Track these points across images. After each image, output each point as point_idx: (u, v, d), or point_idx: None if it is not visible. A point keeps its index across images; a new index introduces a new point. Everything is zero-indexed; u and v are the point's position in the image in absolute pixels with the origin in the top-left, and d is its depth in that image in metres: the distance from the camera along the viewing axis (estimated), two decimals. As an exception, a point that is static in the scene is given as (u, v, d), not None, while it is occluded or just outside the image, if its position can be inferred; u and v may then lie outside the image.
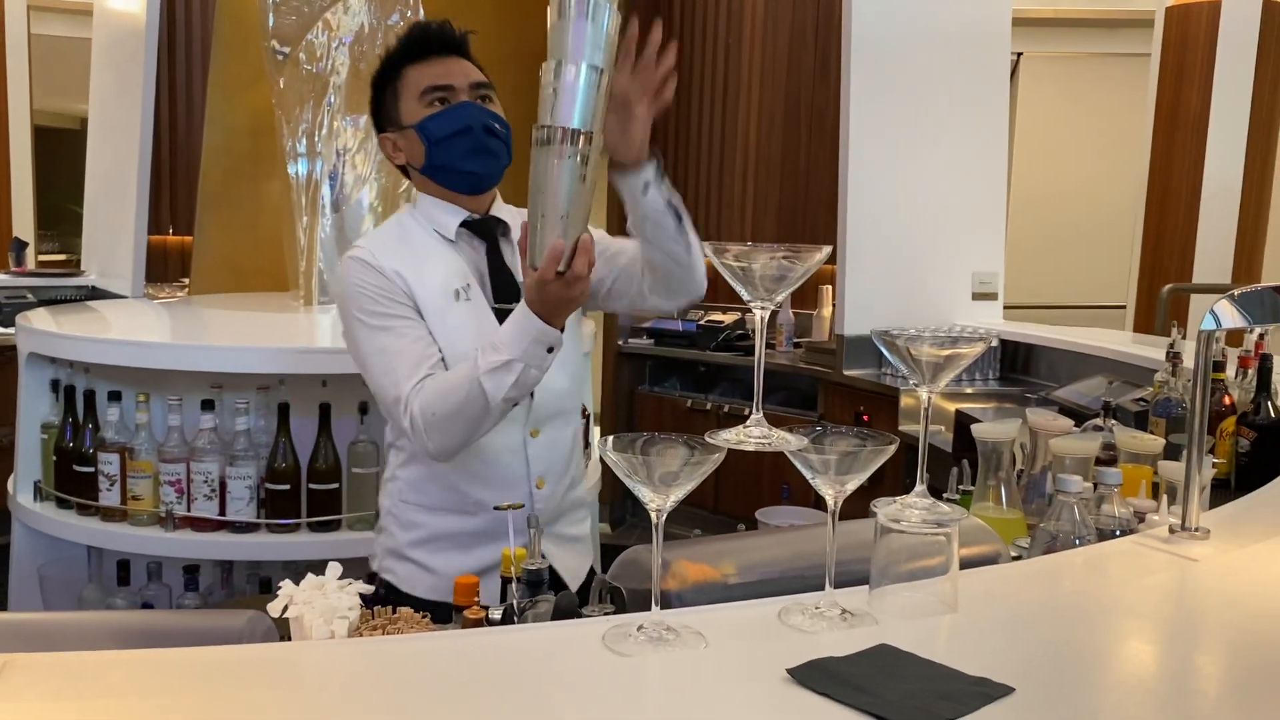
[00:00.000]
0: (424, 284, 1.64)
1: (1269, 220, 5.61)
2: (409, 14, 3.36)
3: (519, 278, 1.64)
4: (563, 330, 1.46)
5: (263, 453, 2.50)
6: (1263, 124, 5.37)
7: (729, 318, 4.80)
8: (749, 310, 1.05)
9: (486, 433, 1.55)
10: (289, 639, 1.11)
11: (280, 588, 1.10)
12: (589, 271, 1.38)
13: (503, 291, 1.70)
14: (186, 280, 4.56)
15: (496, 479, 1.64)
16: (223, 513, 2.48)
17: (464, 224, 1.70)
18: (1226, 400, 2.13)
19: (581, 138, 1.29)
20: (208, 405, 2.47)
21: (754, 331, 1.08)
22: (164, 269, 5.52)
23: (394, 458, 1.74)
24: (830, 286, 4.38)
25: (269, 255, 3.86)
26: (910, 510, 1.02)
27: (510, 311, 1.60)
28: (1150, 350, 3.04)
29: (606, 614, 1.12)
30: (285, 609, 1.09)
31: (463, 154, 1.66)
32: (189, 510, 2.48)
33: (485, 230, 1.73)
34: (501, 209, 1.77)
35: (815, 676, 0.86)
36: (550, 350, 1.46)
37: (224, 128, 3.93)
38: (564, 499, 1.74)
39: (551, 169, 1.29)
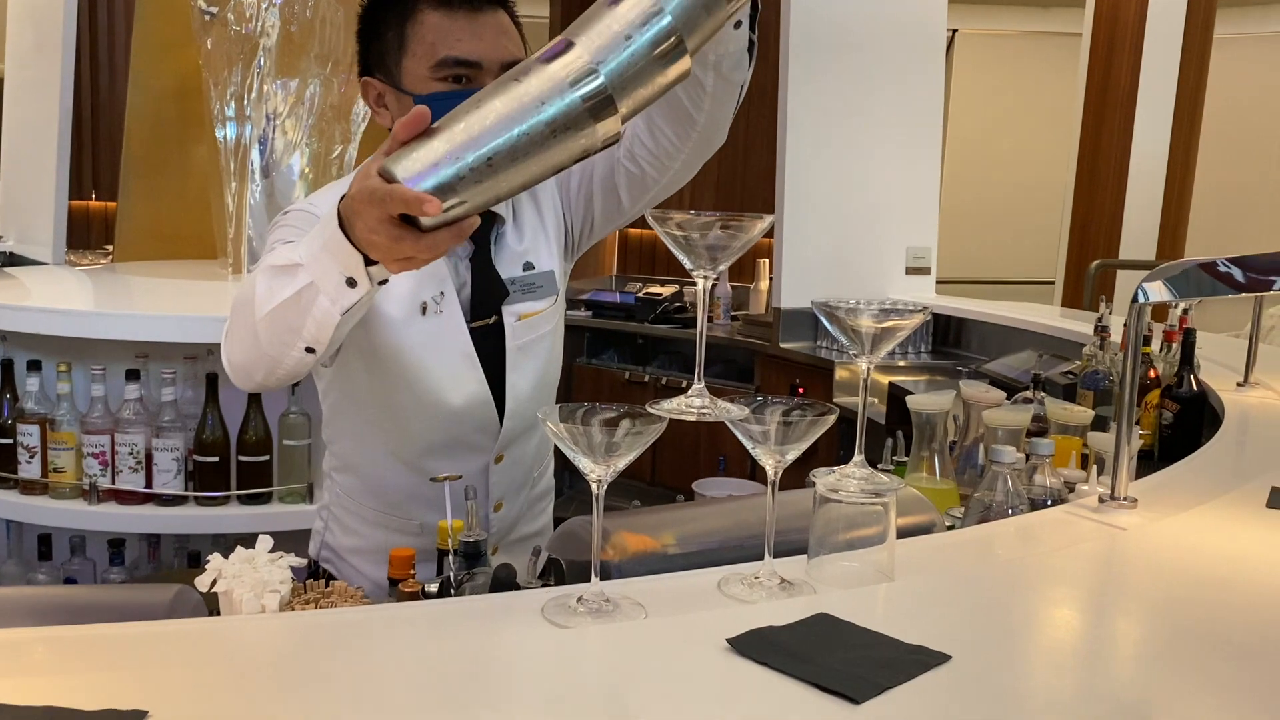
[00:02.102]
0: (386, 290, 1.34)
1: (1193, 197, 5.76)
2: (342, -25, 3.27)
3: (508, 284, 1.48)
4: (374, 263, 1.05)
5: (190, 424, 2.44)
6: (1188, 103, 5.50)
7: (667, 290, 4.80)
8: (688, 283, 1.04)
9: (269, 368, 1.20)
10: (218, 614, 1.08)
11: (209, 561, 1.08)
12: (430, 259, 1.01)
13: (483, 304, 1.47)
14: (110, 247, 4.42)
15: (459, 504, 1.39)
16: (149, 485, 2.42)
17: None
18: (1151, 373, 2.18)
19: (602, 94, 0.94)
20: (133, 375, 2.41)
21: (693, 304, 1.07)
22: (87, 236, 5.36)
23: (329, 457, 1.60)
24: (767, 260, 4.40)
25: (196, 222, 3.75)
26: (848, 480, 1.03)
27: (488, 329, 1.45)
28: (1078, 324, 3.11)
29: (546, 586, 1.11)
30: (214, 583, 1.06)
31: None
32: (113, 483, 2.41)
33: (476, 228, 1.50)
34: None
35: (755, 645, 0.86)
36: (352, 284, 1.07)
37: (149, 90, 3.81)
38: (521, 514, 1.60)
39: (537, 108, 0.94)
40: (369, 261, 1.05)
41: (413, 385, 1.43)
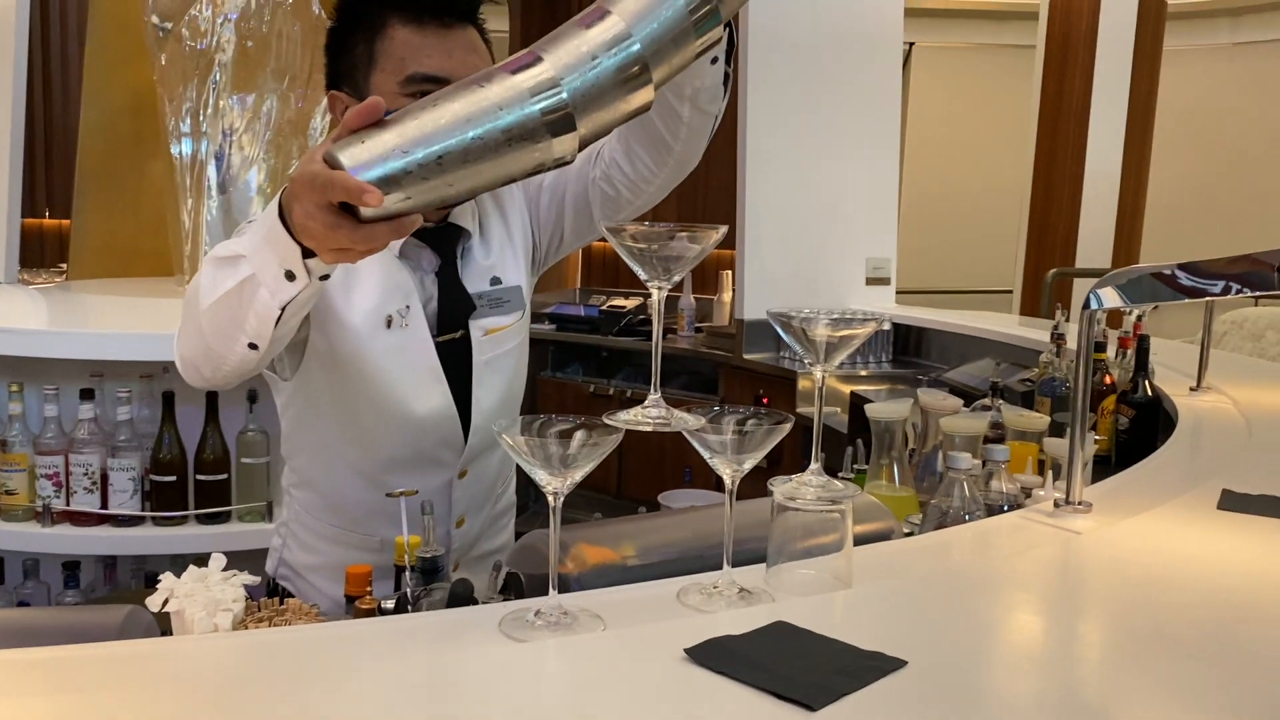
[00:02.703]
0: (350, 302, 1.37)
1: (1146, 207, 5.86)
2: (298, -11, 3.26)
3: (475, 299, 1.48)
4: (312, 255, 1.03)
5: (147, 443, 2.41)
6: (1139, 114, 5.60)
7: (631, 303, 4.81)
8: (651, 295, 1.04)
9: (215, 364, 1.19)
10: (170, 635, 1.06)
11: (161, 581, 1.06)
12: (365, 251, 0.99)
13: (449, 319, 1.46)
14: (64, 265, 4.36)
15: (416, 519, 1.33)
16: (104, 506, 2.38)
17: (415, 234, 1.46)
18: (1107, 379, 2.21)
19: (563, 110, 0.94)
20: (87, 394, 2.37)
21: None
22: (40, 254, 5.28)
23: (288, 473, 1.58)
24: (730, 272, 4.42)
25: (152, 239, 3.71)
26: (805, 488, 1.03)
27: (454, 343, 1.44)
28: (1036, 332, 3.14)
29: (505, 601, 1.11)
30: (165, 603, 1.04)
31: None
32: (68, 504, 2.37)
33: (441, 242, 1.45)
34: (461, 212, 1.48)
35: (713, 655, 0.86)
36: (291, 278, 1.05)
37: (102, 106, 3.77)
38: (484, 530, 1.60)
39: (496, 113, 0.93)
40: (307, 254, 1.03)
41: (376, 398, 1.42)
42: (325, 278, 1.09)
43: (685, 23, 1.01)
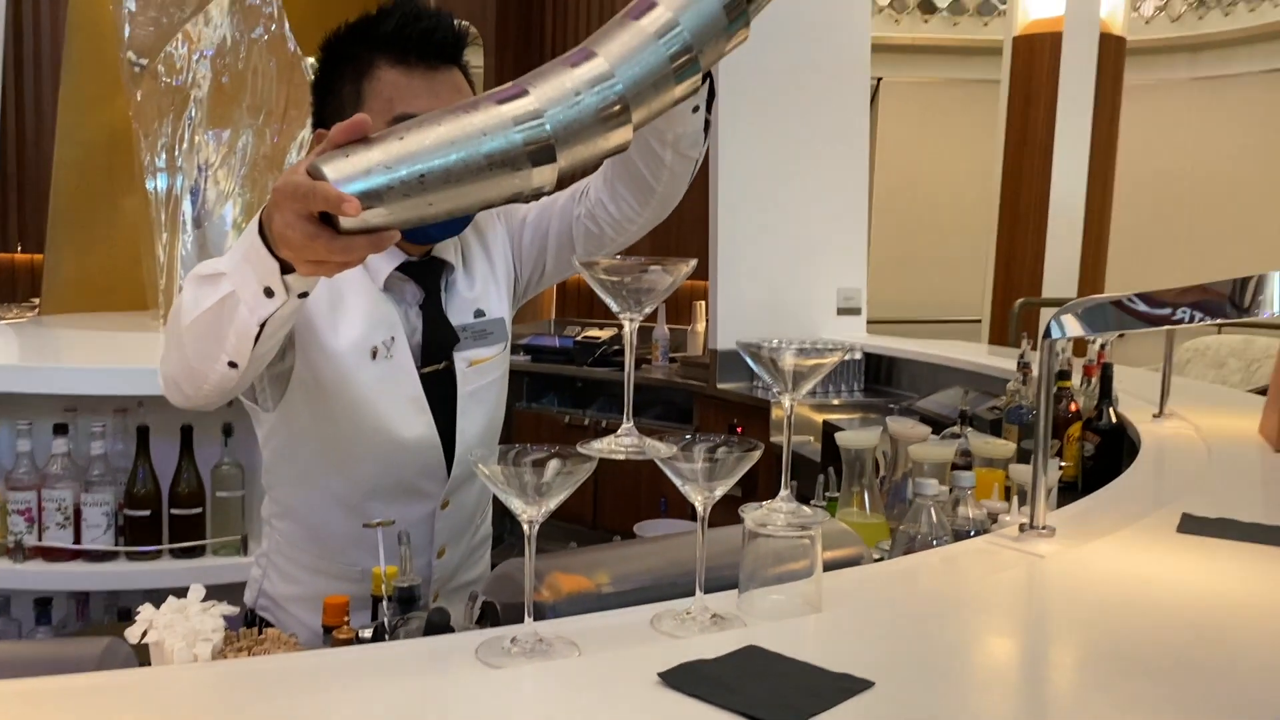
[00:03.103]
0: (336, 333, 1.38)
1: (1109, 237, 5.97)
2: (273, 27, 3.29)
3: (459, 331, 1.51)
4: (289, 270, 1.04)
5: (121, 478, 2.40)
6: (1102, 146, 5.72)
7: (606, 334, 4.83)
8: (624, 327, 1.07)
9: (196, 383, 1.19)
10: (150, 666, 1.07)
11: (139, 612, 1.07)
12: (342, 263, 0.99)
13: (434, 350, 1.48)
14: (37, 300, 4.34)
15: (393, 549, 1.31)
16: (78, 541, 2.37)
17: (399, 267, 1.45)
18: (1072, 407, 2.25)
19: (544, 142, 0.98)
20: (60, 429, 2.36)
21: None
22: (12, 289, 5.26)
23: (269, 504, 1.59)
24: (704, 303, 4.46)
25: (126, 273, 3.71)
26: (775, 514, 1.05)
27: (438, 374, 1.46)
28: (1004, 361, 3.19)
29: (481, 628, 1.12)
30: (144, 634, 1.05)
31: None
32: (40, 540, 2.36)
33: (425, 275, 1.48)
34: (444, 246, 1.50)
35: (686, 679, 0.88)
36: (270, 294, 1.06)
37: (77, 141, 3.77)
38: (463, 560, 1.61)
39: (480, 138, 0.96)
40: (286, 270, 1.05)
41: (361, 429, 1.44)
42: (304, 296, 1.10)
43: (666, 69, 1.05)
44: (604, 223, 1.51)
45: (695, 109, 1.32)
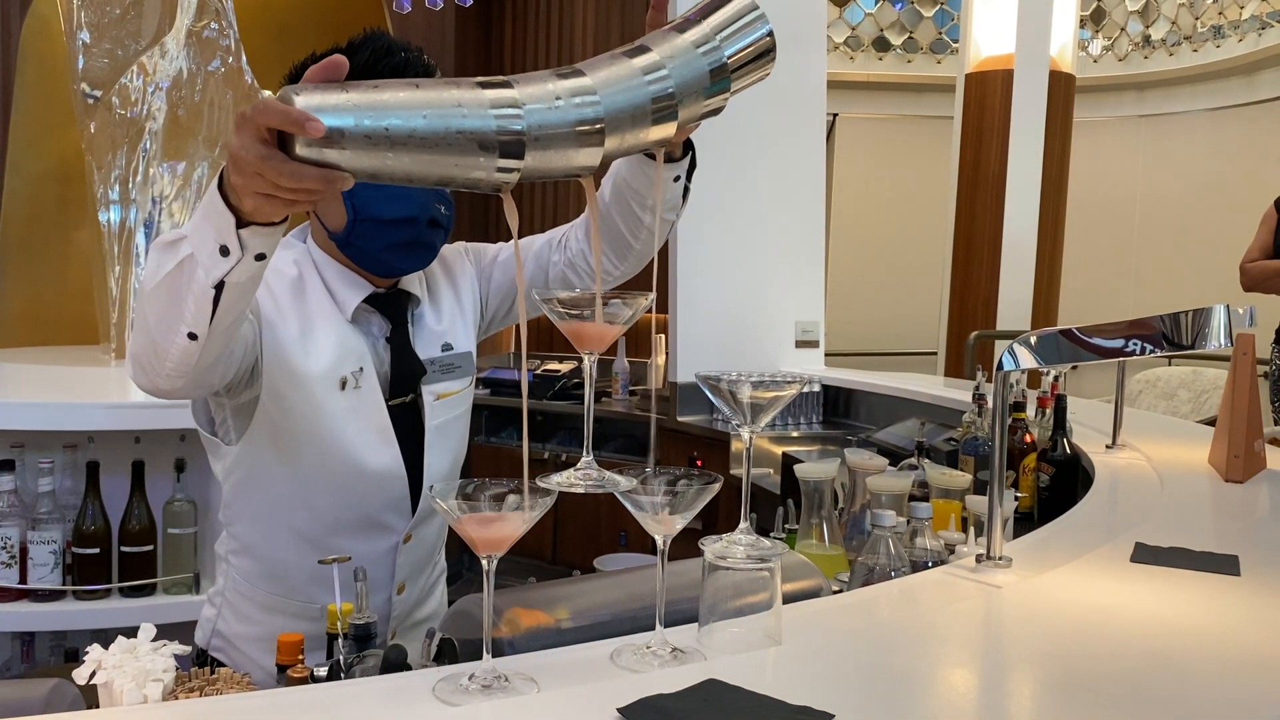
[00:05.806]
0: (308, 360, 1.40)
1: (1061, 271, 6.08)
2: (230, 60, 3.28)
3: (427, 364, 1.52)
4: (247, 225, 1.02)
5: (69, 515, 2.36)
6: (1053, 182, 5.84)
7: (565, 367, 4.83)
8: (583, 360, 1.07)
9: (159, 359, 1.17)
10: (98, 709, 1.04)
11: (88, 653, 1.04)
12: (290, 193, 0.95)
13: (401, 383, 1.49)
14: (-16, 334, 4.26)
15: (349, 586, 1.31)
16: (23, 580, 2.32)
17: (366, 299, 1.47)
18: (1028, 438, 2.28)
19: (516, 135, 0.97)
20: (6, 466, 2.31)
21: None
22: (-42, 322, 5.14)
23: (226, 540, 1.56)
24: (664, 336, 4.48)
25: (77, 307, 3.66)
26: (735, 547, 1.05)
27: (405, 406, 1.46)
28: (960, 393, 3.22)
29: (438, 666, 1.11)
30: (93, 675, 1.03)
31: (394, 246, 1.42)
32: (-16, 579, 2.30)
33: (391, 307, 1.50)
34: (410, 280, 1.52)
35: (645, 713, 0.87)
36: (225, 253, 1.04)
37: (28, 173, 3.73)
38: (422, 596, 1.59)
39: (455, 109, 0.95)
40: (241, 224, 1.02)
41: (327, 460, 1.43)
42: (261, 258, 1.07)
43: (646, 107, 1.08)
44: (584, 273, 1.60)
45: (676, 178, 1.40)
